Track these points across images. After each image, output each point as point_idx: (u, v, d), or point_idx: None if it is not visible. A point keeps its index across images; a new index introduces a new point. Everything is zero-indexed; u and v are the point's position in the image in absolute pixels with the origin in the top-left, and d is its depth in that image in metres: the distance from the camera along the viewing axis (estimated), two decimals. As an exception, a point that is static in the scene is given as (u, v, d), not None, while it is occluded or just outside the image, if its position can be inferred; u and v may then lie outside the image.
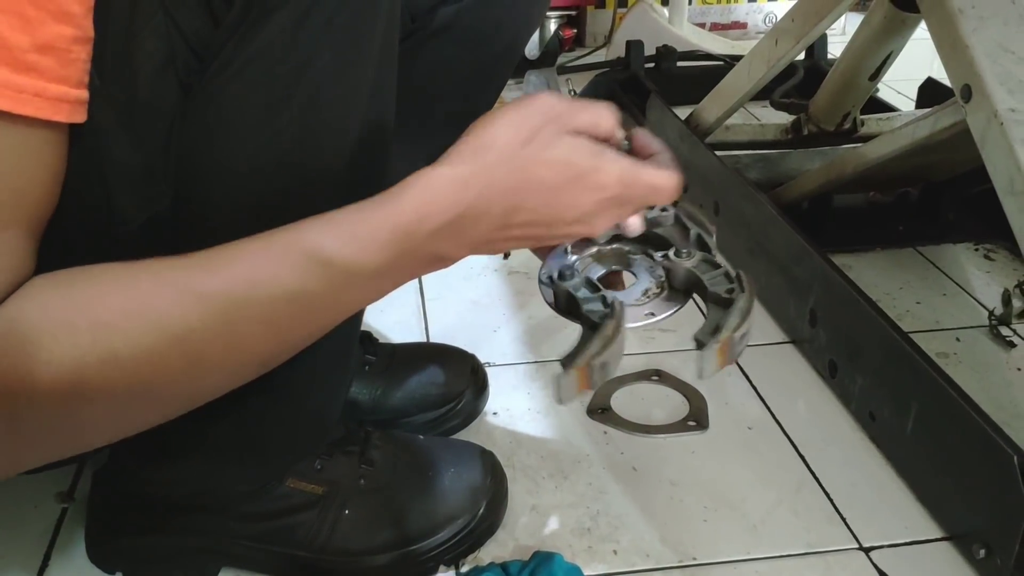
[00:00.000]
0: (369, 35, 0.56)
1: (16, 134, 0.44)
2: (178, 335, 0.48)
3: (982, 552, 0.78)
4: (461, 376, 0.96)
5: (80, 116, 0.47)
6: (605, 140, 0.56)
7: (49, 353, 0.46)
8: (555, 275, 0.61)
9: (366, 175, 0.62)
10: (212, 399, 0.54)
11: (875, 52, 1.30)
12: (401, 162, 0.63)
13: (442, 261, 0.55)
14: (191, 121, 0.54)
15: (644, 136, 0.59)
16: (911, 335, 0.92)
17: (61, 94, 0.45)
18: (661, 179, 0.57)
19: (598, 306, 0.58)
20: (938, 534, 0.83)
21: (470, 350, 1.02)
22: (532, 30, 0.85)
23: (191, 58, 0.53)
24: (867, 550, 0.82)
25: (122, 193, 0.55)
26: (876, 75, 1.34)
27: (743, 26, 2.50)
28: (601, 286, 0.60)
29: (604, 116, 0.56)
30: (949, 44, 0.92)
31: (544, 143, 0.53)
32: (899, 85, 1.97)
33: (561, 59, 2.15)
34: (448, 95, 0.82)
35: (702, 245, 0.62)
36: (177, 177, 0.56)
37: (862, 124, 1.47)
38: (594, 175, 0.54)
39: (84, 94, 0.47)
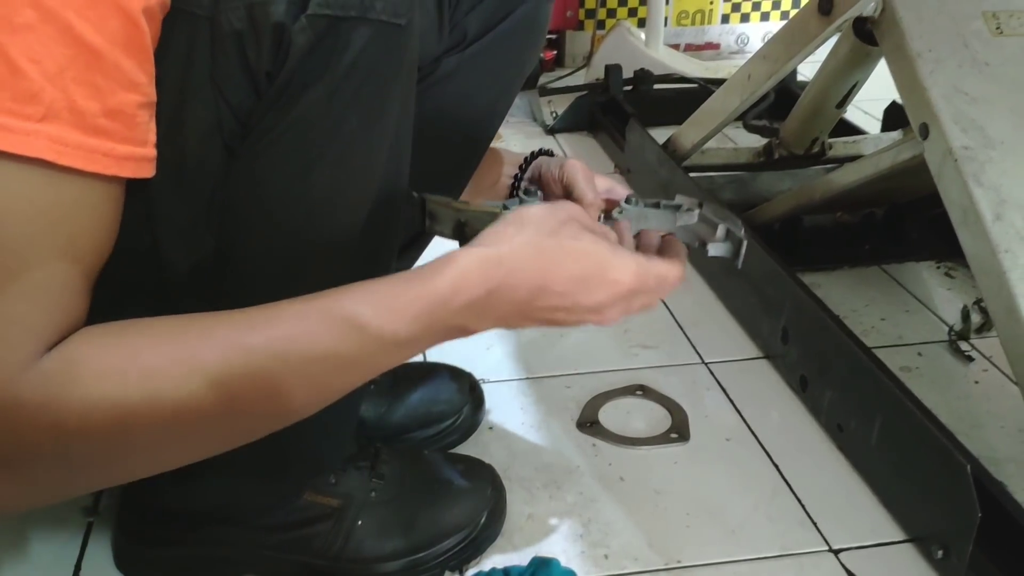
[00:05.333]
0: (390, 98, 0.63)
1: (82, 188, 0.49)
2: (221, 383, 0.53)
3: (940, 552, 0.83)
4: (459, 393, 1.02)
5: (145, 171, 0.52)
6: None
7: (100, 392, 0.51)
8: None
9: (385, 217, 0.68)
10: (247, 443, 0.59)
11: (842, 82, 1.37)
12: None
13: (465, 332, 0.61)
14: (234, 179, 0.60)
15: (650, 234, 0.69)
16: (876, 350, 0.99)
17: (127, 153, 0.50)
18: (669, 270, 0.65)
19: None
20: (901, 536, 0.89)
21: (465, 367, 1.08)
22: (527, 73, 0.92)
23: (235, 125, 0.59)
24: (836, 552, 0.87)
25: (169, 242, 0.61)
26: (843, 103, 1.42)
27: (716, 47, 2.58)
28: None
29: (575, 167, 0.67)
30: (908, 85, 0.99)
31: (569, 234, 0.61)
32: (866, 105, 2.05)
33: (542, 80, 2.21)
34: (450, 133, 0.88)
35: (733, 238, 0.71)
36: (219, 228, 0.62)
37: (830, 147, 1.55)
38: (611, 269, 0.62)
39: (149, 151, 0.52)
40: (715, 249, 0.71)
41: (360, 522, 0.82)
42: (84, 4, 0.46)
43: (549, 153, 0.90)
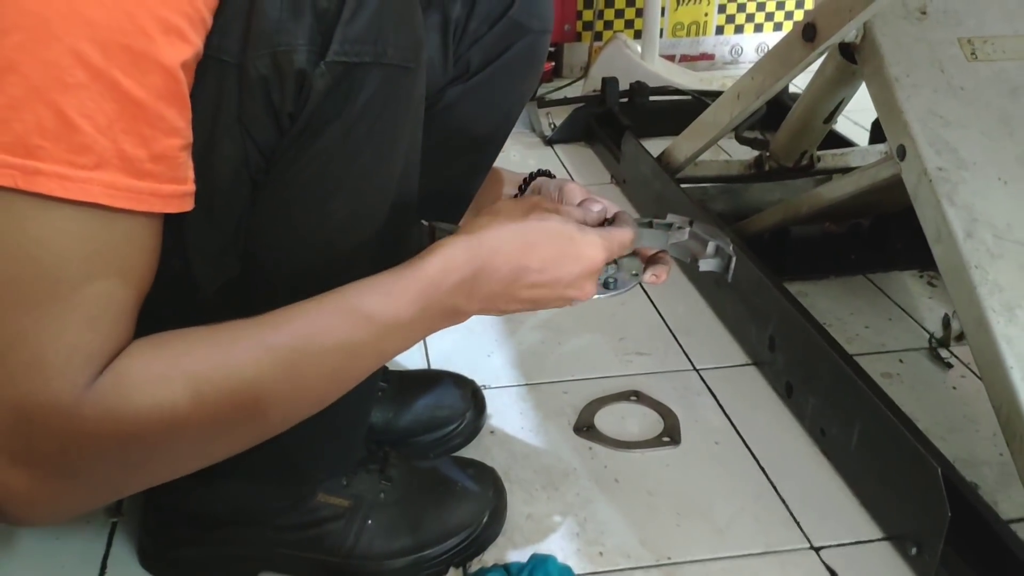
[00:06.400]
0: (401, 133, 0.68)
1: (132, 225, 0.55)
2: (252, 379, 0.59)
3: (914, 550, 0.88)
4: (462, 399, 1.07)
5: (186, 206, 0.57)
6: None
7: (151, 398, 0.56)
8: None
9: (396, 236, 0.74)
10: (275, 435, 0.65)
11: (828, 99, 1.42)
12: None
13: (458, 314, 0.68)
14: (259, 209, 0.66)
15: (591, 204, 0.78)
16: (859, 357, 1.03)
17: (172, 191, 0.56)
18: (624, 235, 0.74)
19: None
20: (879, 535, 0.94)
21: (467, 374, 1.13)
22: (526, 100, 0.97)
23: (260, 160, 0.64)
24: (818, 549, 0.92)
25: (200, 266, 0.66)
26: (830, 118, 1.47)
27: (711, 57, 2.63)
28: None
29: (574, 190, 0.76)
30: (887, 108, 1.05)
31: (540, 216, 0.69)
32: (855, 116, 2.09)
33: (540, 91, 2.25)
34: (453, 159, 0.93)
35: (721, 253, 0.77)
36: (246, 252, 0.67)
37: (818, 160, 1.60)
38: (582, 244, 0.70)
39: (189, 187, 0.57)
40: (706, 264, 0.77)
41: (370, 521, 0.87)
42: (129, 62, 0.51)
43: (548, 174, 0.95)
